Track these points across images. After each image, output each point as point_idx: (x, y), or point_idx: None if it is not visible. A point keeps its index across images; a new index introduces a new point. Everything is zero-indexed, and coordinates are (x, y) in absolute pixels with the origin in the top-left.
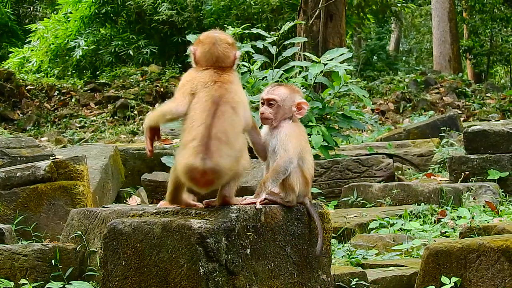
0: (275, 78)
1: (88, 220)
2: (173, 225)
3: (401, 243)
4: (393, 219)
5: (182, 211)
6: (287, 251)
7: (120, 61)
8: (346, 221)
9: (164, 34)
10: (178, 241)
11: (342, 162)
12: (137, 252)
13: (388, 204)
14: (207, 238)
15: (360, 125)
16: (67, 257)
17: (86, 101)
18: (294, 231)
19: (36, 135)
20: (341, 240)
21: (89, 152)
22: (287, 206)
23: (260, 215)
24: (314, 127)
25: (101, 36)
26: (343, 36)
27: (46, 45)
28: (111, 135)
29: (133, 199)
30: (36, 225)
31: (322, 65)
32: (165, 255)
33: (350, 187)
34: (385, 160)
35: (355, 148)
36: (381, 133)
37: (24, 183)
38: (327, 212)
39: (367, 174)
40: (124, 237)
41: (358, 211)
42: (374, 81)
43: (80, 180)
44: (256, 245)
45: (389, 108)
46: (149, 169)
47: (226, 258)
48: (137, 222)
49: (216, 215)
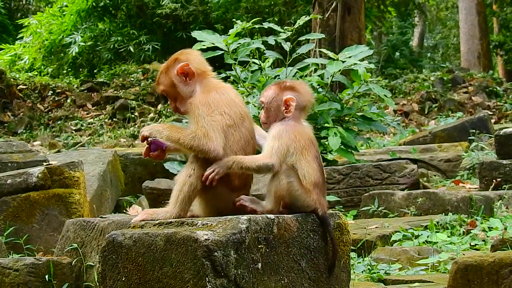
0: (289, 76)
1: (84, 231)
2: (178, 237)
3: (426, 256)
4: (418, 230)
5: (187, 221)
6: (302, 266)
7: (119, 58)
8: (366, 232)
9: (168, 29)
10: (183, 254)
11: (362, 168)
12: (139, 267)
13: (413, 214)
14: (215, 251)
15: (381, 128)
16: (62, 272)
17: (83, 101)
18: (310, 244)
19: (28, 139)
20: (361, 253)
21: (85, 157)
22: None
23: (272, 226)
24: (331, 128)
25: (99, 32)
26: (362, 30)
27: (39, 41)
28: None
29: (133, 209)
30: (28, 237)
31: (340, 63)
32: (168, 270)
33: (370, 196)
34: (409, 166)
35: (376, 153)
36: (405, 136)
37: (15, 191)
38: (345, 223)
39: (389, 181)
40: (124, 250)
41: (379, 222)
42: (397, 80)
43: (76, 188)
44: (268, 259)
45: (413, 109)
46: (151, 175)
47: (236, 273)
48: (139, 234)
49: (225, 226)
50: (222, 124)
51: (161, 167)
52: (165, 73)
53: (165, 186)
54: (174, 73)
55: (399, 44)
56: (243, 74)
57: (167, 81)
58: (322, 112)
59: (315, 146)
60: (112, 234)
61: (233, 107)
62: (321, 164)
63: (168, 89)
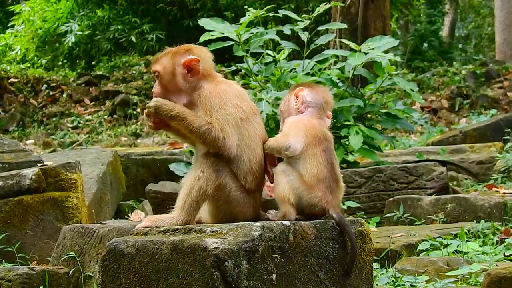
0: (306, 69)
1: (83, 239)
2: (185, 246)
3: (456, 268)
4: (447, 239)
5: (195, 228)
6: (320, 277)
7: (120, 49)
8: (390, 241)
9: (173, 17)
10: (191, 264)
11: (385, 171)
12: (142, 278)
13: (441, 221)
14: (225, 261)
15: (407, 126)
16: (58, 282)
17: (80, 96)
18: (329, 253)
19: (21, 137)
20: (385, 264)
21: (83, 157)
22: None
23: (288, 233)
24: (352, 127)
25: (97, 20)
26: (387, 19)
27: (32, 30)
28: (110, 138)
29: (136, 214)
30: (21, 244)
31: (362, 55)
32: (175, 281)
33: (395, 201)
34: (438, 169)
35: (401, 154)
36: (433, 135)
37: (6, 194)
38: (367, 231)
39: (416, 185)
40: (127, 259)
41: (404, 230)
42: (425, 74)
43: (73, 191)
44: (284, 270)
45: (442, 105)
46: (154, 178)
47: (248, 284)
48: (142, 241)
49: (236, 233)
50: (236, 117)
51: (166, 168)
52: (171, 57)
53: (170, 189)
54: (180, 62)
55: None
56: (255, 67)
57: (169, 66)
58: (343, 109)
59: (327, 141)
60: (113, 242)
61: (244, 100)
62: (332, 161)
63: (165, 74)
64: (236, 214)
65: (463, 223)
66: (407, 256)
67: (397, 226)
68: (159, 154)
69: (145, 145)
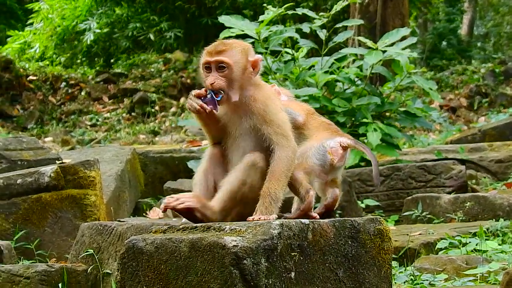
0: (325, 67)
1: (101, 236)
2: (204, 243)
3: (475, 266)
4: (465, 237)
5: (214, 226)
6: (339, 275)
7: (138, 47)
8: (409, 239)
9: (191, 15)
10: (210, 262)
11: (404, 169)
12: (161, 275)
13: (460, 220)
14: (244, 259)
15: (426, 124)
16: (77, 280)
17: (98, 94)
18: (348, 252)
19: (39, 135)
20: (403, 262)
21: (102, 155)
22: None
23: (307, 231)
24: (370, 124)
25: (116, 17)
26: (405, 17)
27: (51, 28)
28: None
29: (154, 212)
30: (39, 241)
31: (380, 53)
32: (193, 279)
33: (413, 199)
34: (456, 167)
35: (419, 152)
36: (451, 134)
37: (25, 192)
38: (386, 229)
39: (435, 183)
40: (145, 257)
41: (423, 228)
42: (443, 72)
43: (91, 189)
44: (302, 268)
45: (461, 104)
46: (173, 175)
47: (266, 283)
48: (161, 239)
49: (255, 231)
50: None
51: (184, 166)
52: (241, 52)
53: (188, 187)
54: (250, 59)
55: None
56: (274, 65)
57: (242, 60)
58: (361, 107)
59: None
60: (132, 240)
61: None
62: None
63: (236, 67)
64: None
65: (482, 221)
66: (425, 254)
67: (416, 224)
68: (178, 152)
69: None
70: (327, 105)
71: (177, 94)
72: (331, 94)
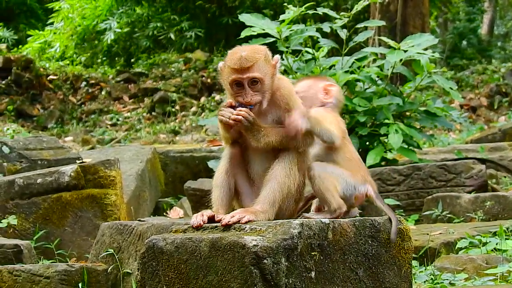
0: (345, 67)
1: (121, 236)
2: (224, 243)
3: (495, 266)
4: (486, 237)
5: (234, 226)
6: (359, 275)
7: (159, 46)
8: (429, 239)
9: (212, 14)
10: (230, 261)
11: (424, 168)
12: (181, 275)
13: (480, 219)
14: (264, 259)
15: (446, 124)
16: (97, 279)
17: (119, 94)
18: (368, 251)
19: (60, 134)
20: (424, 261)
21: (122, 155)
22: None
23: (327, 231)
24: (391, 125)
25: (136, 17)
26: (426, 17)
27: (71, 27)
28: (148, 135)
29: (174, 211)
30: (59, 241)
31: (401, 52)
32: (213, 279)
33: (434, 199)
34: (476, 166)
35: (440, 152)
36: (472, 133)
37: (45, 191)
38: (406, 228)
39: (455, 182)
40: (165, 256)
41: (443, 227)
42: (463, 71)
43: (112, 188)
44: (323, 267)
45: (481, 103)
46: (193, 175)
47: (287, 282)
48: (181, 239)
49: (275, 230)
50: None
51: (205, 165)
52: (265, 61)
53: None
54: (272, 64)
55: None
56: (295, 64)
57: (269, 70)
58: (382, 107)
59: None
60: (152, 239)
61: None
62: None
63: (267, 79)
64: (293, 212)
65: (502, 221)
66: (446, 254)
67: (436, 224)
68: (198, 152)
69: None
70: (348, 104)
71: (198, 94)
72: (352, 94)
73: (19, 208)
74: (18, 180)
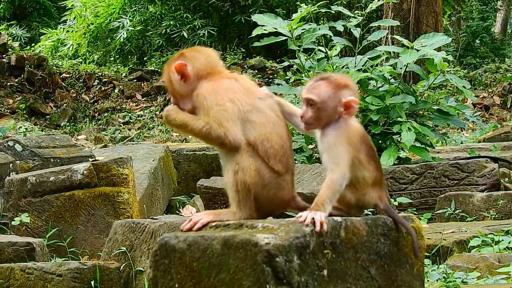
0: (358, 65)
1: (134, 234)
2: (236, 241)
3: (508, 264)
4: (498, 235)
5: (246, 224)
6: (372, 273)
7: (172, 44)
8: (442, 237)
9: (225, 12)
10: (242, 259)
11: (437, 167)
12: (193, 273)
13: (493, 218)
14: (276, 257)
15: (459, 123)
16: (109, 277)
17: (132, 92)
18: (380, 249)
19: (72, 132)
20: (436, 260)
21: (135, 153)
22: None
23: (339, 229)
24: (404, 123)
25: (149, 15)
26: (439, 15)
27: (84, 26)
28: (161, 133)
29: (187, 210)
30: (72, 239)
31: (415, 52)
32: (226, 277)
33: (446, 197)
34: (489, 165)
35: (452, 151)
36: (485, 132)
37: (58, 189)
38: (419, 227)
39: (468, 181)
40: (178, 254)
41: (456, 226)
42: (477, 70)
43: (124, 187)
44: (335, 265)
45: (495, 102)
46: (206, 173)
47: (299, 280)
48: (193, 236)
49: (287, 229)
50: (234, 110)
51: (217, 164)
52: (167, 65)
53: (221, 185)
54: (173, 68)
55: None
56: (307, 63)
57: (166, 74)
58: (395, 106)
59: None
60: (165, 237)
61: (250, 94)
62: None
63: (166, 83)
64: (272, 197)
65: None
66: (458, 252)
67: (449, 222)
68: (211, 150)
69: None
70: (361, 103)
71: None
72: (365, 92)
73: (31, 206)
74: (30, 178)
